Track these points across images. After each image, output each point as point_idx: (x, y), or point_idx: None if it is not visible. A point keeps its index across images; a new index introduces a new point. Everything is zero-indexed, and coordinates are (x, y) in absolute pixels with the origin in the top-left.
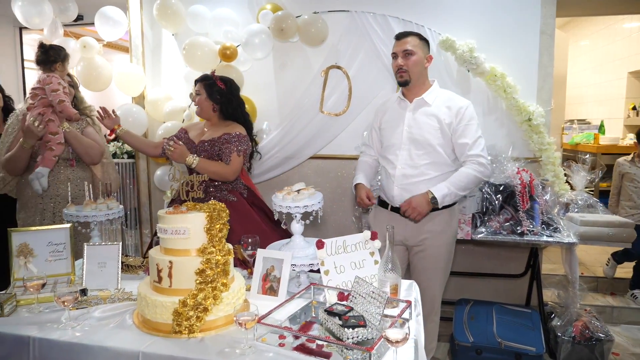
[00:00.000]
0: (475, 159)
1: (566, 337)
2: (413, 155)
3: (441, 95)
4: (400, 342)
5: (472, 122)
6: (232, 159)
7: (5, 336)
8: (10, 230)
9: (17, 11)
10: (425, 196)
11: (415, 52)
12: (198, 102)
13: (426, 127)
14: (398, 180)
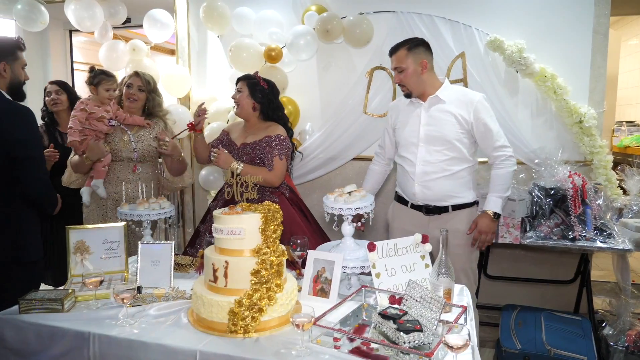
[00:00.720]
0: (503, 154)
1: (619, 347)
2: (432, 152)
3: (454, 91)
4: (461, 348)
5: (488, 114)
6: (275, 164)
7: (66, 331)
8: (68, 228)
9: (69, 14)
10: (488, 216)
11: (404, 67)
12: (239, 99)
13: (443, 123)
14: (418, 177)
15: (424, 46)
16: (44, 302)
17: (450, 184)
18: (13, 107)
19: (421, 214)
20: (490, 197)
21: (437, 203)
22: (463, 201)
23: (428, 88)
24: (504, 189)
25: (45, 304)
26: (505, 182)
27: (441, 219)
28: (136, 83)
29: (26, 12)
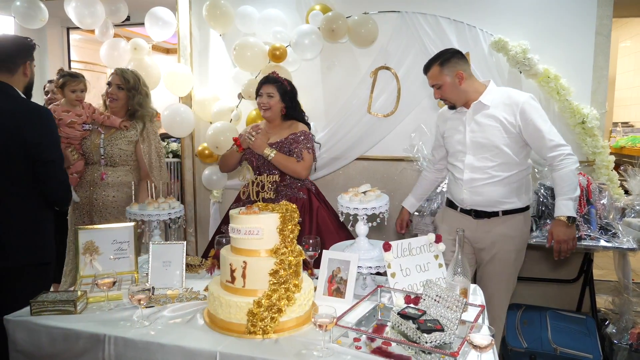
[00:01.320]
0: (561, 153)
1: (623, 345)
2: (480, 159)
3: (499, 94)
4: (486, 348)
5: (536, 113)
6: (304, 157)
7: (80, 333)
8: (77, 228)
9: (70, 12)
10: (561, 223)
11: (440, 83)
12: (271, 104)
13: (489, 129)
14: (467, 184)
15: (457, 56)
16: (55, 304)
17: (500, 190)
18: (33, 109)
19: (470, 217)
20: (560, 201)
21: (486, 208)
22: (514, 207)
23: (471, 95)
24: (571, 190)
25: (57, 306)
26: (570, 181)
27: (490, 223)
28: (115, 81)
29: (25, 9)
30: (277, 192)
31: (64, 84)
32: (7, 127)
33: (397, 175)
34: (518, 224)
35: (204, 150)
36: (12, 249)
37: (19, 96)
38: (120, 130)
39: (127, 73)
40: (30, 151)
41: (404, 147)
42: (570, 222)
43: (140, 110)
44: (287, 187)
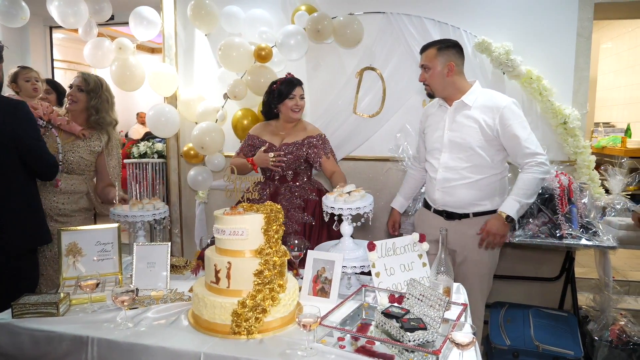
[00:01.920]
0: (534, 160)
1: (603, 341)
2: (454, 159)
3: (482, 96)
4: (467, 345)
5: (515, 120)
6: (323, 163)
7: (63, 336)
8: (60, 230)
9: (53, 11)
10: (499, 218)
11: (430, 66)
12: (302, 106)
13: (466, 129)
14: (439, 183)
15: (456, 49)
16: (38, 307)
17: (472, 193)
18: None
19: (442, 218)
20: (508, 198)
21: (457, 210)
22: (485, 209)
23: (453, 91)
24: (525, 194)
25: (39, 308)
26: (528, 186)
27: (461, 224)
28: (76, 83)
29: (6, 7)
30: (291, 192)
31: (16, 76)
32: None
33: (382, 176)
34: None
35: (189, 151)
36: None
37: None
38: (81, 139)
39: (90, 76)
40: (16, 141)
41: (389, 147)
42: (508, 220)
43: (95, 115)
44: (301, 188)
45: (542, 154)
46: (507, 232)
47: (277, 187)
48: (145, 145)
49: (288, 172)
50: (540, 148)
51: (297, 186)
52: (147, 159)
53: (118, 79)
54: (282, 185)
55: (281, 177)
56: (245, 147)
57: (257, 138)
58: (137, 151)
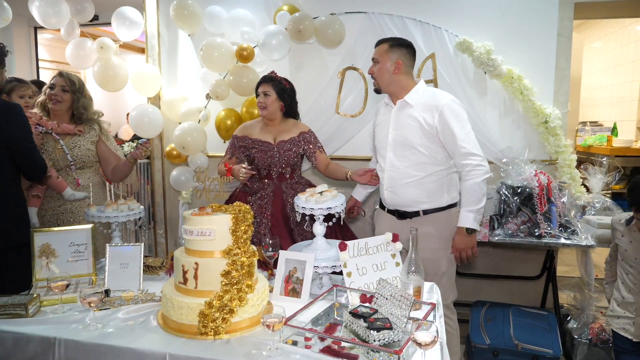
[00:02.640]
0: (469, 163)
1: (583, 340)
2: (398, 157)
3: (424, 94)
4: (429, 345)
5: (454, 118)
6: (318, 157)
7: (31, 337)
8: (32, 231)
9: (34, 11)
10: (460, 233)
11: (380, 60)
12: (268, 102)
13: (407, 128)
14: (386, 183)
15: (408, 49)
16: (6, 308)
17: (417, 191)
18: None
19: (394, 217)
20: (462, 212)
21: (406, 208)
22: (434, 206)
23: (398, 89)
24: (473, 202)
25: (8, 310)
26: (473, 194)
27: (413, 223)
28: (59, 83)
29: None
30: (294, 189)
31: (12, 90)
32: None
33: None
34: (440, 222)
35: (172, 151)
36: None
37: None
38: (76, 134)
39: (72, 75)
40: (9, 142)
41: (372, 147)
42: (469, 232)
43: (86, 113)
44: (298, 184)
45: (478, 155)
46: (474, 242)
47: (277, 185)
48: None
49: (287, 169)
50: (477, 149)
51: (295, 182)
52: None
53: (101, 79)
54: (282, 182)
55: (280, 175)
56: (236, 150)
57: (248, 138)
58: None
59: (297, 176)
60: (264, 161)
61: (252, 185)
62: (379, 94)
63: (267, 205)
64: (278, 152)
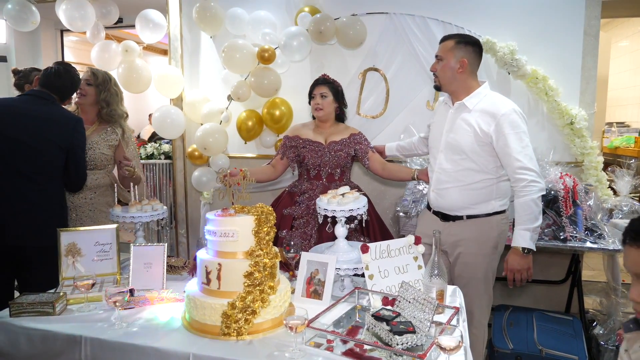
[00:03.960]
0: (523, 178)
1: (609, 346)
2: (448, 160)
3: (485, 99)
4: (453, 350)
5: (512, 129)
6: (371, 157)
7: (57, 335)
8: (59, 230)
9: (61, 15)
10: (516, 253)
11: (443, 57)
12: (324, 104)
13: (461, 132)
14: (434, 184)
15: (474, 47)
16: (35, 306)
17: (463, 196)
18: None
19: (438, 219)
20: (517, 231)
21: (449, 212)
22: (478, 212)
23: (460, 89)
24: (530, 220)
25: (36, 307)
26: (529, 211)
27: (455, 226)
28: (84, 77)
29: (17, 11)
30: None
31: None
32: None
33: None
34: (483, 228)
35: (193, 152)
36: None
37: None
38: (96, 133)
39: (98, 71)
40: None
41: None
42: (526, 252)
43: (107, 108)
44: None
45: (534, 170)
46: (530, 263)
47: (325, 185)
48: (152, 146)
49: (337, 170)
50: (533, 164)
51: (344, 184)
52: (154, 160)
53: (125, 81)
54: (331, 184)
55: (329, 175)
56: (287, 150)
57: (298, 137)
58: (144, 152)
59: (347, 179)
60: (314, 161)
61: (301, 186)
62: (439, 90)
63: (315, 205)
64: (329, 152)
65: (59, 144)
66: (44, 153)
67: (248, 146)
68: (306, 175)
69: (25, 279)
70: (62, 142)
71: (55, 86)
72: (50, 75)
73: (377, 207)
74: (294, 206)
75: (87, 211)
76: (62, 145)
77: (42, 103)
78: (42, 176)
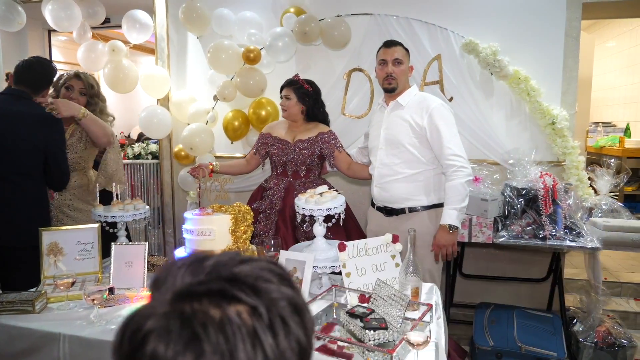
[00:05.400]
0: (453, 164)
1: (588, 343)
2: (388, 155)
3: (416, 97)
4: (421, 345)
5: (442, 120)
6: (336, 156)
7: (36, 332)
8: (40, 230)
9: (47, 15)
10: (442, 229)
11: (403, 61)
12: (288, 106)
13: (398, 127)
14: (376, 179)
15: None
16: (14, 304)
17: (404, 187)
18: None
19: (382, 214)
20: (445, 209)
21: (393, 205)
22: (419, 204)
23: (401, 90)
24: (457, 200)
25: (15, 306)
26: (457, 193)
27: (399, 220)
28: (77, 86)
29: (3, 12)
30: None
31: None
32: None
33: None
34: (423, 221)
35: (180, 152)
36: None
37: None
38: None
39: (90, 78)
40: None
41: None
42: (452, 229)
43: (102, 116)
44: (312, 183)
45: (462, 157)
46: (455, 240)
47: (290, 182)
48: (139, 146)
49: (302, 168)
50: (462, 151)
51: (309, 181)
52: (141, 159)
53: (111, 81)
54: (296, 180)
55: (294, 173)
56: (260, 146)
57: (269, 136)
58: (131, 152)
59: (313, 176)
60: (279, 158)
61: (270, 181)
62: (391, 93)
63: (277, 201)
64: (294, 150)
65: (34, 143)
66: (19, 152)
67: (234, 146)
68: (275, 172)
69: (4, 278)
70: (37, 142)
71: (28, 79)
72: (20, 70)
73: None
74: (260, 200)
75: (67, 211)
76: (38, 144)
77: (16, 101)
78: (19, 175)
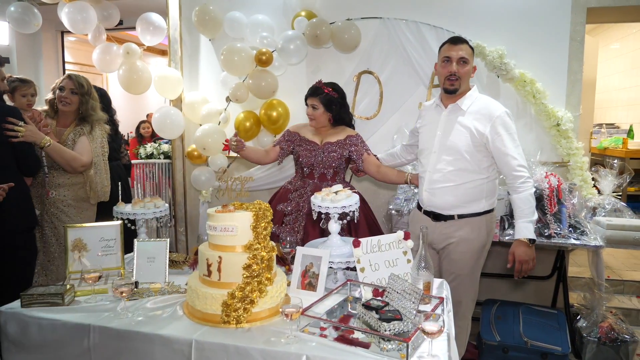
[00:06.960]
0: (520, 175)
1: (592, 338)
2: (442, 161)
3: (478, 101)
4: (435, 334)
5: (506, 130)
6: (365, 159)
7: (66, 323)
8: (65, 226)
9: (63, 17)
10: (523, 244)
11: (469, 61)
12: (315, 115)
13: (456, 133)
14: (427, 184)
15: None
16: (45, 297)
17: (456, 196)
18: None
19: (430, 219)
20: (520, 223)
21: (441, 211)
22: (469, 211)
23: (463, 93)
24: (530, 212)
25: (46, 299)
26: (530, 205)
27: (447, 226)
28: (68, 86)
29: (19, 14)
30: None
31: (15, 89)
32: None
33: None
34: (474, 227)
35: (192, 152)
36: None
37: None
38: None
39: (81, 78)
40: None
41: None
42: (531, 243)
43: (93, 114)
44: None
45: (526, 167)
46: (534, 253)
47: (317, 185)
48: (151, 146)
49: (329, 170)
50: (524, 161)
51: (335, 184)
52: (154, 159)
53: (126, 82)
54: (322, 183)
55: (321, 175)
56: (283, 141)
57: (297, 134)
58: (144, 152)
59: (340, 179)
60: (307, 160)
61: (295, 183)
62: (452, 94)
63: (304, 203)
64: (322, 152)
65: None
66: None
67: None
68: (300, 173)
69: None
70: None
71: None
72: None
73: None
74: (286, 202)
75: (61, 206)
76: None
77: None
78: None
